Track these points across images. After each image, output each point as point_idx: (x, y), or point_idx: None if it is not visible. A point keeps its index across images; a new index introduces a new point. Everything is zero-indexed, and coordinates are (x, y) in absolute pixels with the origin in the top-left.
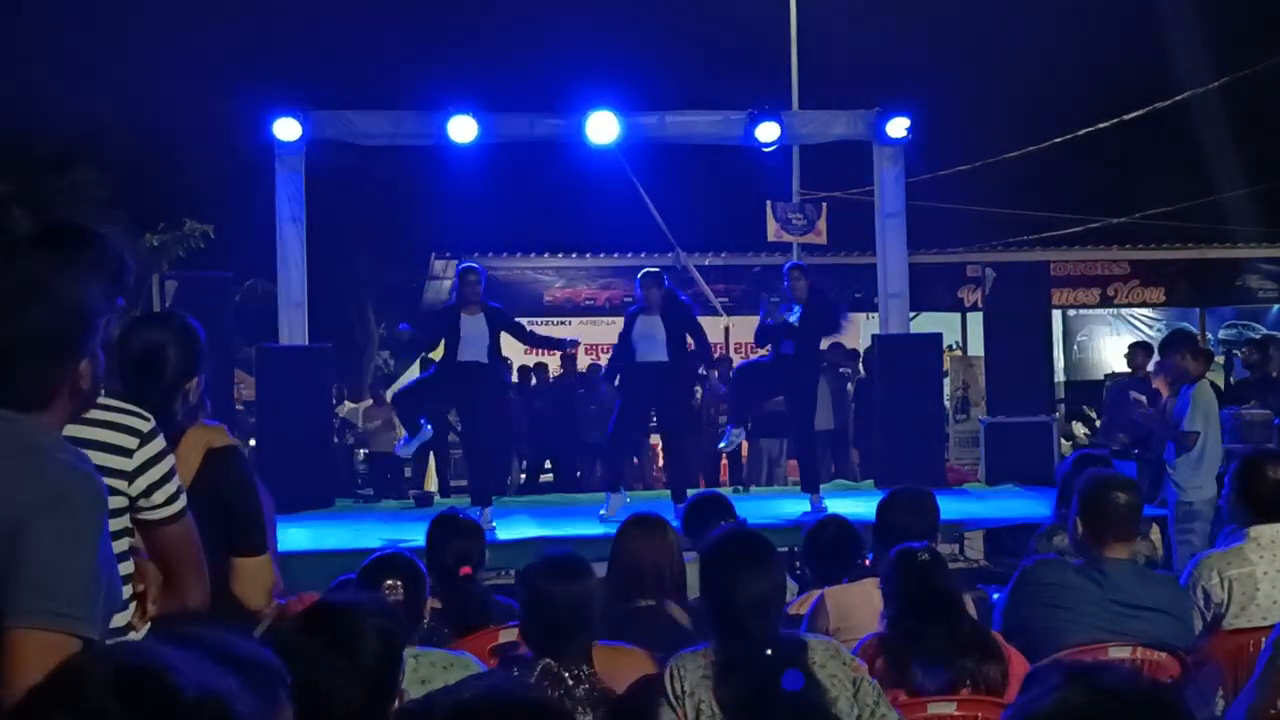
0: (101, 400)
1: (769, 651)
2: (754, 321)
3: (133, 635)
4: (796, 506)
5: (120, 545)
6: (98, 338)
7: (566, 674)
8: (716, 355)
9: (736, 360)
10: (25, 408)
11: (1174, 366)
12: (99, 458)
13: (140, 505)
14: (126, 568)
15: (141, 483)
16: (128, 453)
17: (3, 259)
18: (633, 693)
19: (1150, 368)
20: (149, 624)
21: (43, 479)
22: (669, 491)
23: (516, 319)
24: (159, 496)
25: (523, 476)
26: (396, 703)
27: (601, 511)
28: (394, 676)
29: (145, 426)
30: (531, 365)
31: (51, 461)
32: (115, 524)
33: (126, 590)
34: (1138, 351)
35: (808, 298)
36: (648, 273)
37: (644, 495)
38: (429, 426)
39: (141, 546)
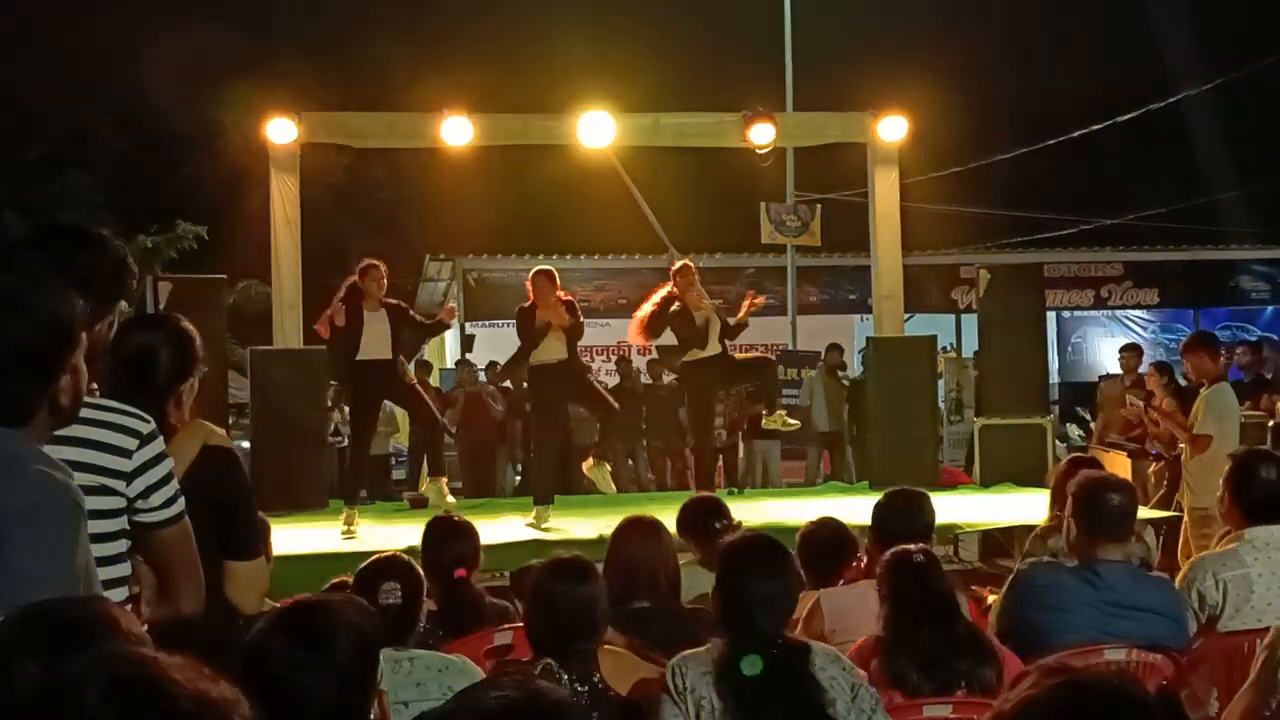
0: (101, 401)
1: (774, 650)
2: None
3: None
4: (791, 509)
5: (118, 546)
6: (79, 352)
7: (567, 676)
8: None
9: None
10: (3, 423)
11: (1195, 368)
12: (98, 458)
13: (138, 507)
14: (124, 569)
15: (139, 484)
16: (127, 454)
17: (4, 267)
18: (634, 692)
19: (1143, 369)
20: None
21: (19, 490)
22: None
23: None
24: (156, 499)
25: (516, 480)
26: (375, 703)
27: (528, 522)
28: (370, 674)
29: (145, 428)
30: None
31: (27, 472)
32: (113, 525)
33: (122, 592)
34: (1130, 354)
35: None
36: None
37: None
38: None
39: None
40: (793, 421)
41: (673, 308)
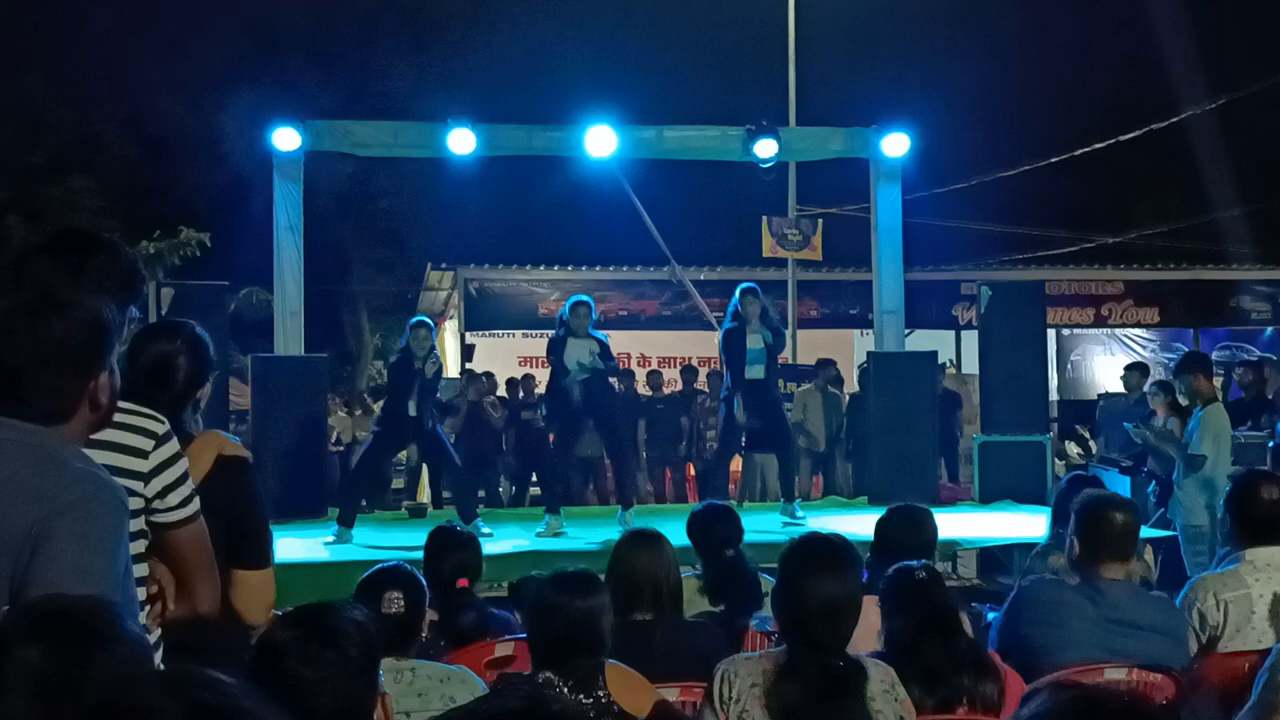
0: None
1: (835, 667)
2: None
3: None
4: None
5: (136, 547)
6: (115, 352)
7: (566, 689)
8: (708, 370)
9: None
10: (45, 421)
11: (1189, 388)
12: (115, 459)
13: (155, 507)
14: (142, 569)
15: (156, 484)
16: (143, 454)
17: (17, 271)
18: (654, 715)
19: (1146, 388)
20: (160, 627)
21: (64, 486)
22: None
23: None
24: (173, 499)
25: (513, 489)
26: (379, 705)
27: (539, 532)
28: (375, 674)
29: (160, 429)
30: (519, 378)
31: (71, 470)
32: (131, 526)
33: (141, 593)
34: (1133, 373)
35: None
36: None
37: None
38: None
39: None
40: None
41: None
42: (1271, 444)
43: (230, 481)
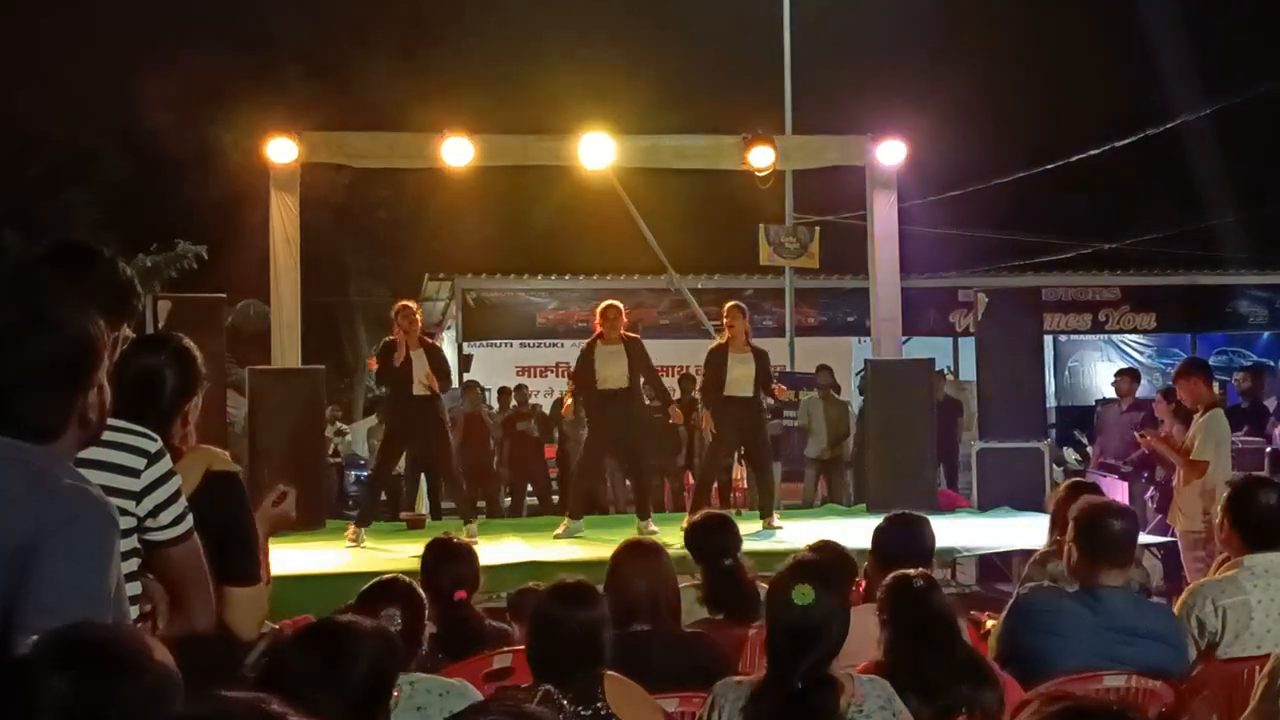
0: (109, 422)
1: (799, 686)
2: None
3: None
4: (789, 531)
5: (129, 565)
6: (104, 368)
7: (566, 701)
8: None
9: None
10: (34, 438)
11: (1190, 394)
12: (107, 478)
13: (147, 525)
14: (135, 587)
15: (148, 503)
16: (135, 473)
17: (12, 284)
18: None
19: (1153, 394)
20: None
21: (55, 503)
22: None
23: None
24: (166, 517)
25: (508, 500)
26: None
27: (556, 533)
28: (380, 700)
29: (153, 447)
30: (513, 388)
31: (62, 486)
32: (124, 544)
33: (134, 611)
34: (1124, 378)
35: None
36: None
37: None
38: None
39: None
40: None
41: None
42: (1270, 449)
43: (220, 497)
